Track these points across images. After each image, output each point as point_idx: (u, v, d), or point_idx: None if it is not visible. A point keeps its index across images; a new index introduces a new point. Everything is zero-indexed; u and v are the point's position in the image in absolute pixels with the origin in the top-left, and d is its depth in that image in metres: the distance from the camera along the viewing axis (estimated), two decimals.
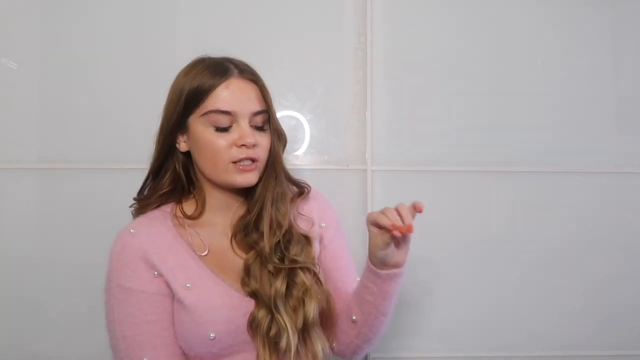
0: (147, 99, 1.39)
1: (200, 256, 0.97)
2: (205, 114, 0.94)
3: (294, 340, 0.92)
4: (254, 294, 0.94)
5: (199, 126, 0.95)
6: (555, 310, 1.47)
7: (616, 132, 1.49)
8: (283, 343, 0.92)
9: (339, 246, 1.09)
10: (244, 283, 0.95)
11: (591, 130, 1.48)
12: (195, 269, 0.95)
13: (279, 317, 0.92)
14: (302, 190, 1.07)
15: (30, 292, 1.37)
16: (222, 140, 0.93)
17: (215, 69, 0.96)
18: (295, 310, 0.95)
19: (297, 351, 0.94)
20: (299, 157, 1.43)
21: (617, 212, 1.48)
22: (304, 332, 0.95)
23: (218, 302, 0.93)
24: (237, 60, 1.00)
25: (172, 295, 0.94)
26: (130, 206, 1.06)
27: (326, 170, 1.43)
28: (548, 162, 1.47)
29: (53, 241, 1.38)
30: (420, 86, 1.45)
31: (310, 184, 1.09)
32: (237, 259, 0.99)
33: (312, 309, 0.95)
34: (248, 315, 0.93)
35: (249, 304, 0.94)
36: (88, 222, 1.37)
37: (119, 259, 0.95)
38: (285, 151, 1.06)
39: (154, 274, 0.94)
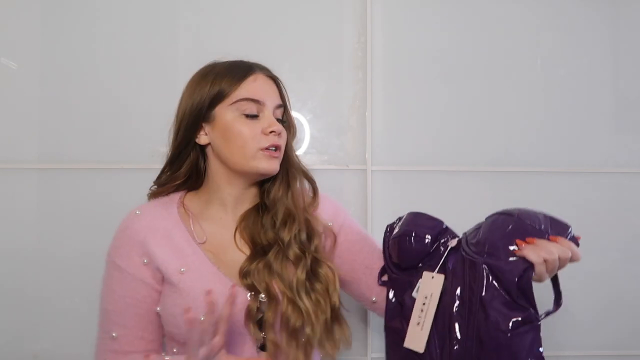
0: (148, 99, 1.39)
1: (198, 243, 1.00)
2: (236, 102, 0.99)
3: (316, 330, 0.95)
4: (267, 291, 0.96)
5: (228, 114, 0.99)
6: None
7: (616, 132, 1.49)
8: (308, 330, 0.95)
9: (352, 229, 1.12)
10: (244, 276, 0.98)
11: (591, 130, 1.48)
12: (191, 255, 0.98)
13: (302, 305, 0.95)
14: (314, 189, 1.11)
15: (31, 292, 1.37)
16: (250, 127, 0.98)
17: (240, 65, 1.03)
18: (318, 301, 0.98)
19: (321, 340, 0.97)
20: (299, 157, 1.43)
21: (617, 212, 1.48)
22: (327, 321, 0.98)
23: (210, 287, 0.93)
24: (261, 65, 1.06)
25: (158, 289, 0.98)
26: (150, 188, 1.10)
27: (326, 170, 1.43)
28: (548, 162, 1.47)
29: (53, 241, 1.38)
30: (420, 86, 1.45)
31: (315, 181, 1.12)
32: (237, 254, 1.01)
33: (335, 299, 0.99)
34: (238, 305, 0.94)
35: (242, 294, 0.96)
36: (88, 222, 1.37)
37: (120, 237, 1.01)
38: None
39: (144, 262, 0.98)
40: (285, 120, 1.05)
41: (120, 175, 1.38)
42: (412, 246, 0.97)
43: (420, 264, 0.98)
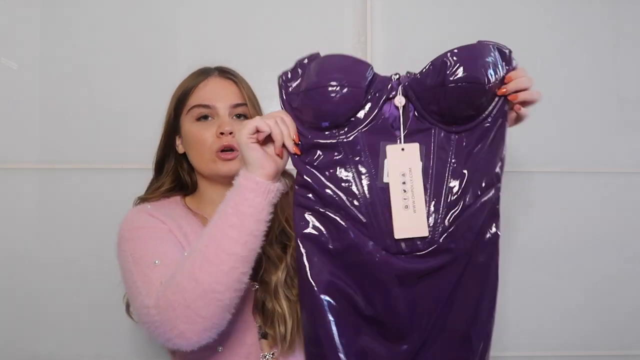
0: (147, 99, 1.39)
1: None
2: (190, 110, 1.03)
3: (288, 327, 0.96)
4: (263, 282, 0.98)
5: (186, 123, 1.04)
6: (555, 310, 1.47)
7: (616, 132, 1.49)
8: (282, 329, 0.96)
9: None
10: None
11: (591, 130, 1.48)
12: None
13: (281, 304, 0.97)
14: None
15: (30, 291, 1.37)
16: (204, 132, 1.01)
17: (199, 72, 1.07)
18: (295, 301, 0.98)
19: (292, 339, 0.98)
20: None
21: (617, 212, 1.48)
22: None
23: None
24: (225, 67, 1.09)
25: None
26: (137, 197, 1.09)
27: None
28: (548, 162, 1.47)
29: (53, 241, 1.38)
30: None
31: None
32: None
33: None
34: (248, 298, 0.96)
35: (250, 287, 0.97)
36: (88, 222, 1.37)
37: (134, 219, 0.97)
38: None
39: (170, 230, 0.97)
40: (248, 117, 1.03)
41: (120, 175, 1.38)
42: (339, 98, 0.80)
43: (346, 122, 0.81)
